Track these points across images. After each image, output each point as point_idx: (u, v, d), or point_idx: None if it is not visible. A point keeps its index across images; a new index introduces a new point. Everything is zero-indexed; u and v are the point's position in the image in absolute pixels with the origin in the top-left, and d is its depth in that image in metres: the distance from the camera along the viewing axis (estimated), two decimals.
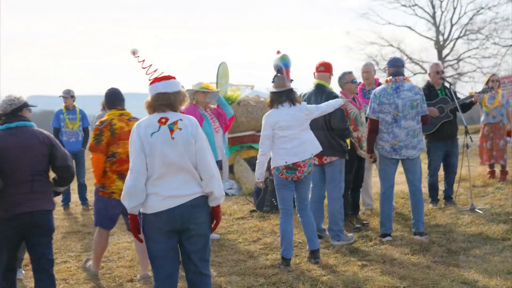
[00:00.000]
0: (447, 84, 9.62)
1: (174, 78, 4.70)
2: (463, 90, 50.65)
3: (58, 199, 12.26)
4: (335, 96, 7.68)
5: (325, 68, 7.94)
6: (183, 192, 4.51)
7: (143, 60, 4.81)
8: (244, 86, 13.64)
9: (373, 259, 6.92)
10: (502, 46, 45.20)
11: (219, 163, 8.65)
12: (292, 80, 7.10)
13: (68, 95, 11.31)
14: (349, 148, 7.97)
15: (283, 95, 6.95)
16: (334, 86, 8.15)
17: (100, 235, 6.80)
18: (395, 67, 7.96)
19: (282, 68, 7.30)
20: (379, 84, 9.16)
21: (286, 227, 6.95)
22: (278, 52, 7.48)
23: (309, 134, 7.01)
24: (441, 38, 46.52)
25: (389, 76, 7.96)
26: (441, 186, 9.97)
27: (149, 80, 4.69)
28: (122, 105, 6.81)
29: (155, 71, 4.73)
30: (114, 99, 6.83)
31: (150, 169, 4.49)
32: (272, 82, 7.05)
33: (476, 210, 9.02)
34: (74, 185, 12.58)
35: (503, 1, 49.66)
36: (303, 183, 7.04)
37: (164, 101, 4.59)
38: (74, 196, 12.18)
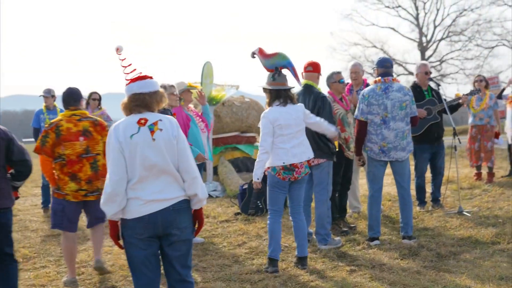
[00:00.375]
0: (433, 85, 9.51)
1: (151, 78, 4.52)
2: (446, 91, 50.92)
3: (38, 201, 12.02)
4: (323, 97, 7.51)
5: (313, 68, 7.77)
6: (165, 196, 4.33)
7: (124, 59, 4.60)
8: (229, 86, 13.44)
9: (362, 264, 6.75)
10: (484, 48, 45.49)
11: (203, 165, 8.45)
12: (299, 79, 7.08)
13: (49, 95, 11.05)
14: (336, 149, 7.80)
15: (283, 93, 6.80)
16: (323, 86, 8.00)
17: (66, 240, 6.65)
18: (384, 67, 7.81)
19: (288, 67, 7.56)
20: (367, 84, 9.02)
21: (275, 227, 6.79)
22: (262, 52, 7.37)
23: (305, 136, 6.90)
24: (424, 39, 46.76)
25: (378, 76, 7.80)
26: (428, 189, 9.86)
27: (126, 80, 4.51)
28: (76, 105, 6.67)
29: (133, 71, 4.53)
30: (68, 99, 6.70)
31: (130, 173, 4.30)
32: (273, 79, 6.85)
33: (464, 213, 8.90)
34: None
35: (485, 3, 50.00)
36: (298, 184, 6.87)
37: (140, 102, 4.41)
38: None
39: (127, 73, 4.52)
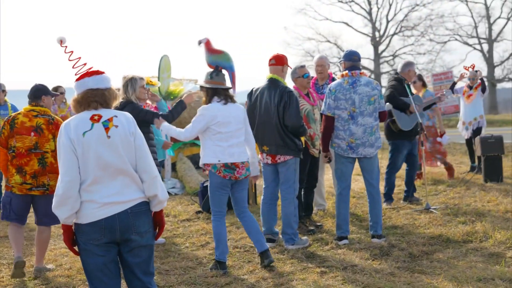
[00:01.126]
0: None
1: (104, 73, 4.21)
2: None
3: None
4: (290, 92, 7.21)
5: (276, 61, 7.45)
6: (122, 198, 4.01)
7: (72, 52, 4.23)
8: (187, 80, 13.07)
9: (333, 265, 6.47)
10: (437, 43, 45.94)
11: (162, 162, 8.08)
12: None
13: (0, 89, 10.54)
14: (303, 146, 7.52)
15: (222, 91, 6.59)
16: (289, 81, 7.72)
17: (11, 229, 6.77)
18: (351, 60, 7.56)
19: (229, 71, 7.28)
20: (333, 79, 8.77)
21: (221, 229, 6.55)
22: (208, 44, 7.10)
23: (247, 136, 6.68)
24: (377, 34, 47.03)
25: (345, 70, 7.54)
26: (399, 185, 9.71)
27: (76, 75, 4.16)
28: (36, 101, 6.73)
29: (84, 65, 4.19)
30: (30, 95, 6.81)
31: (83, 173, 3.95)
32: (210, 78, 6.63)
33: (431, 209, 8.73)
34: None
35: None
36: (240, 185, 6.64)
37: (98, 98, 4.09)
38: None
39: (76, 67, 4.18)
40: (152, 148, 7.23)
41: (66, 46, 4.25)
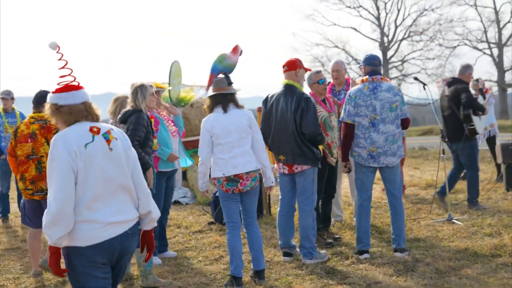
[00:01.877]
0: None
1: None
2: (408, 91, 50.98)
3: None
4: (307, 98, 6.87)
5: (288, 67, 7.10)
6: (124, 217, 3.78)
7: (62, 56, 3.95)
8: (198, 86, 12.74)
9: (355, 282, 6.09)
10: (446, 48, 45.56)
11: (174, 173, 7.71)
12: (231, 83, 6.36)
13: (9, 97, 10.29)
14: (321, 155, 7.17)
15: (222, 98, 6.26)
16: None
17: (29, 235, 7.02)
18: (372, 65, 7.19)
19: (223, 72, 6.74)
20: (350, 84, 8.42)
21: (235, 242, 6.24)
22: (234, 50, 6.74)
23: (254, 143, 6.32)
24: (385, 39, 46.69)
25: (365, 75, 7.18)
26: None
27: (59, 84, 3.89)
28: (39, 108, 6.84)
29: (70, 73, 3.93)
30: (34, 102, 6.96)
31: (82, 189, 3.64)
32: (214, 85, 6.34)
33: (454, 221, 8.35)
34: (13, 194, 11.50)
35: (446, 3, 50.19)
36: (248, 195, 6.31)
37: (92, 112, 3.88)
38: (14, 206, 11.11)
39: (62, 76, 3.93)
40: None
41: (58, 52, 3.96)
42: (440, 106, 9.87)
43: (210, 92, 6.41)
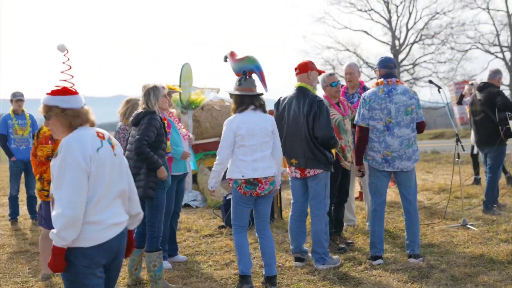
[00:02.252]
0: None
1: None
2: (419, 95, 50.70)
3: (6, 212, 11.11)
4: (320, 101, 6.75)
5: (300, 69, 7.00)
6: (121, 219, 3.88)
7: (68, 60, 3.93)
8: (208, 89, 12.66)
9: None
10: (458, 51, 45.25)
11: (185, 177, 7.60)
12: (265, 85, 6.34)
13: (23, 98, 10.23)
14: (334, 159, 7.06)
15: (250, 99, 6.13)
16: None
17: (41, 237, 7.08)
18: (387, 68, 7.06)
19: (256, 71, 6.96)
20: (364, 87, 8.30)
21: (243, 242, 6.15)
22: (233, 55, 6.75)
23: (274, 149, 6.23)
24: (397, 42, 46.44)
25: (380, 78, 7.05)
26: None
27: (57, 86, 3.87)
28: None
29: (71, 77, 3.94)
30: None
31: (90, 192, 3.68)
32: (239, 84, 6.18)
33: (469, 226, 8.21)
34: (23, 197, 11.45)
35: (458, 6, 49.83)
36: (264, 199, 6.21)
37: (90, 116, 3.90)
38: (24, 209, 11.04)
39: (62, 79, 3.95)
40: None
41: (65, 54, 3.95)
42: (471, 111, 9.83)
43: (236, 91, 6.23)
